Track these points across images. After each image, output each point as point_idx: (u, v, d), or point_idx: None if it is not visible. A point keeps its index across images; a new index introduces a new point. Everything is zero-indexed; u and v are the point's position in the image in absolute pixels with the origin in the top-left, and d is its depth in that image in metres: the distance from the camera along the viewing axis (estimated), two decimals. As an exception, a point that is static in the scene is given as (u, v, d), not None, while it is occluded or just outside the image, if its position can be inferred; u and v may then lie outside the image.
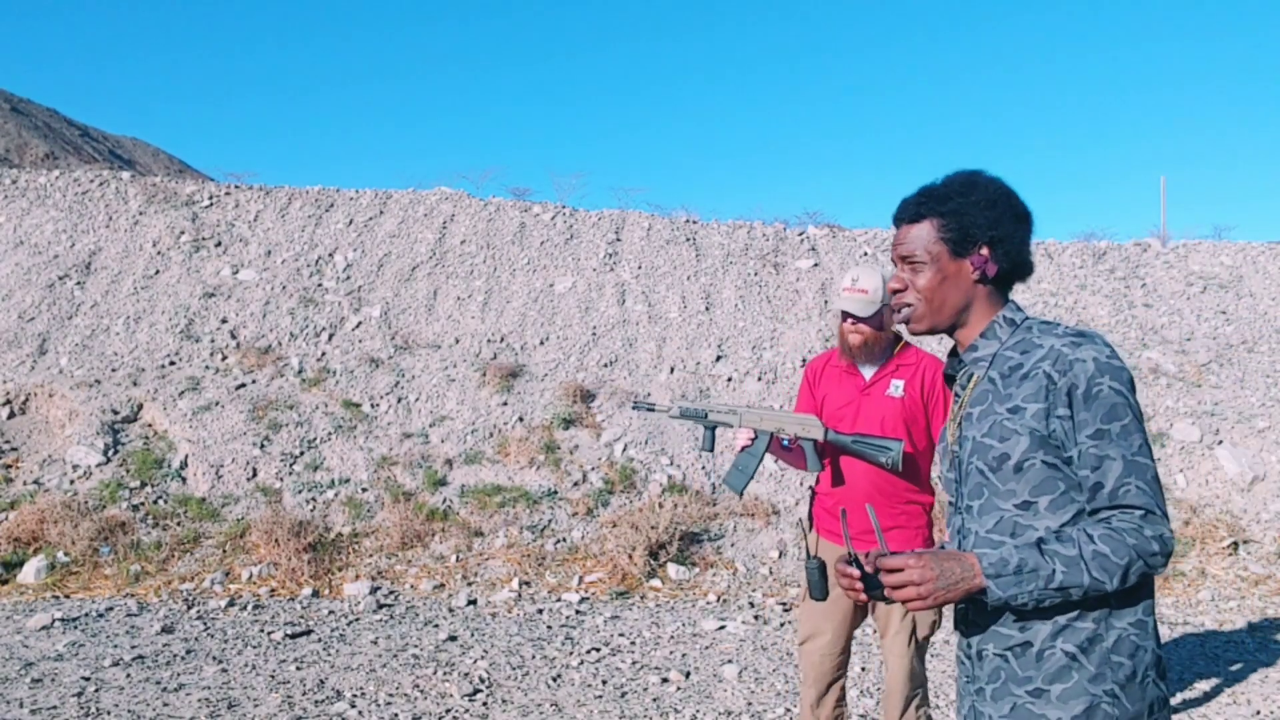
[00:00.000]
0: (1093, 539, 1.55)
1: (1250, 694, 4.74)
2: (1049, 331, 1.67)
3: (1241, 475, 7.83)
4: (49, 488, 7.05)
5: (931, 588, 1.55)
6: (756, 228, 11.30)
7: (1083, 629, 1.60)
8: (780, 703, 4.46)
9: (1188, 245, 11.66)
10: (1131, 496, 1.57)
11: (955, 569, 1.56)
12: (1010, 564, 1.54)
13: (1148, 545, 1.54)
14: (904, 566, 1.57)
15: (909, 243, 1.75)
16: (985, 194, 1.74)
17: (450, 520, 7.06)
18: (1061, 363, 1.60)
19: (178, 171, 24.52)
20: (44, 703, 4.19)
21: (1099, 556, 1.53)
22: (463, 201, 11.25)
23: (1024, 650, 1.64)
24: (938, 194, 1.74)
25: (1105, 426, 1.58)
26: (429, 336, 9.28)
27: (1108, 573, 1.53)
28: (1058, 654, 1.61)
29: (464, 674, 4.72)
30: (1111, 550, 1.53)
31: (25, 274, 9.42)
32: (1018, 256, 1.75)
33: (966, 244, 1.73)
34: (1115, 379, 1.59)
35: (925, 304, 1.76)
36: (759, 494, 7.53)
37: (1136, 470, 1.58)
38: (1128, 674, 1.59)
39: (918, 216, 1.75)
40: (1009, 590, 1.54)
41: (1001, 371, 1.69)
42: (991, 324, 1.74)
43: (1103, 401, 1.58)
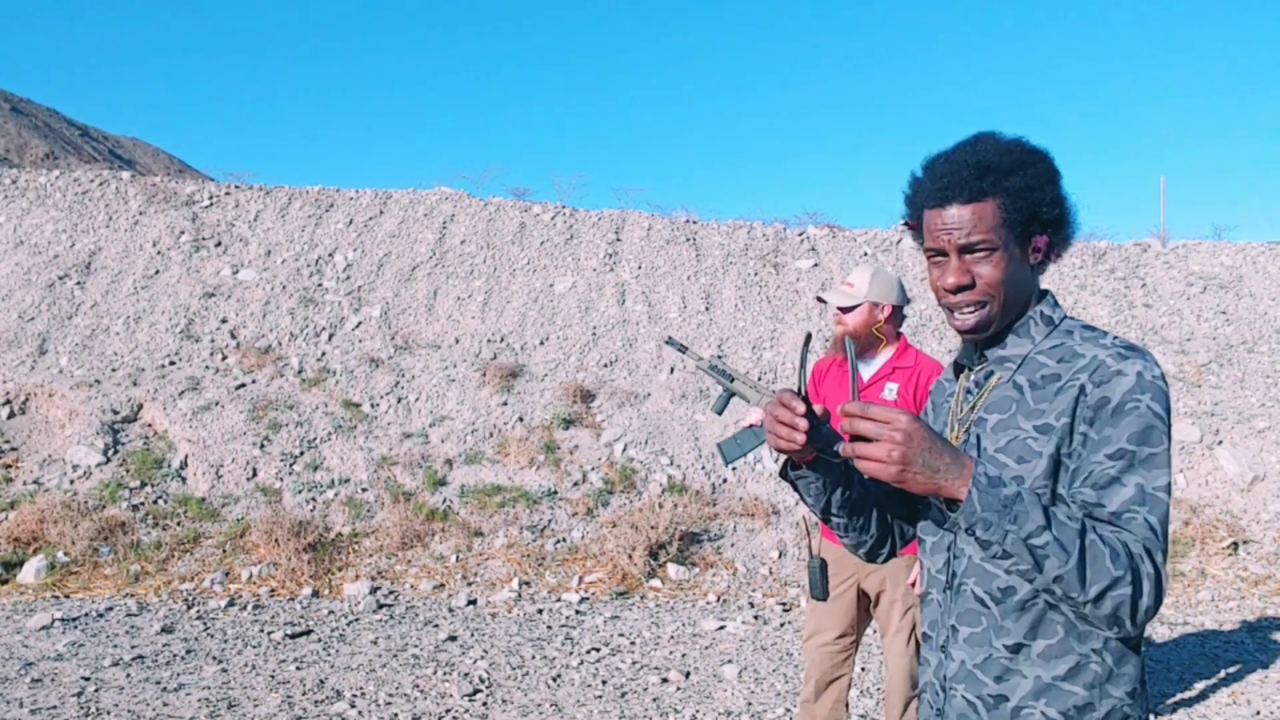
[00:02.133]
0: (1099, 534, 1.27)
1: (1250, 694, 4.74)
2: (1094, 340, 1.41)
3: (1241, 475, 7.83)
4: (49, 488, 7.05)
5: (907, 453, 1.23)
6: (756, 228, 11.30)
7: (1072, 694, 1.37)
8: (780, 703, 4.46)
9: (1188, 245, 11.66)
10: (1136, 526, 1.29)
11: (945, 454, 1.24)
12: (1005, 490, 1.25)
13: (1139, 577, 1.26)
14: (889, 421, 1.23)
15: (969, 227, 1.42)
16: (1046, 167, 1.45)
17: (450, 520, 7.06)
18: (1102, 374, 1.34)
19: (178, 171, 24.52)
20: (44, 703, 4.19)
21: (1096, 553, 1.25)
22: (463, 201, 11.25)
23: (998, 704, 1.41)
24: (1001, 167, 1.42)
25: (1131, 448, 1.31)
26: (429, 336, 9.28)
27: (1091, 577, 1.24)
28: (1038, 717, 1.38)
29: (464, 674, 4.72)
30: (1110, 555, 1.25)
31: (25, 274, 9.42)
32: (1072, 239, 1.49)
33: (1033, 225, 1.44)
34: (1155, 399, 1.32)
35: (997, 301, 1.44)
36: (759, 494, 7.53)
37: (1152, 504, 1.29)
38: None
39: (979, 194, 1.42)
40: (986, 514, 1.23)
41: (1032, 379, 1.43)
42: (1027, 319, 1.47)
43: (1135, 419, 1.31)
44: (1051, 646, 1.39)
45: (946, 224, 1.43)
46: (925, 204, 1.47)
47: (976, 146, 1.47)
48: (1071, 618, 1.38)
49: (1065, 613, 1.38)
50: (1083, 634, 1.38)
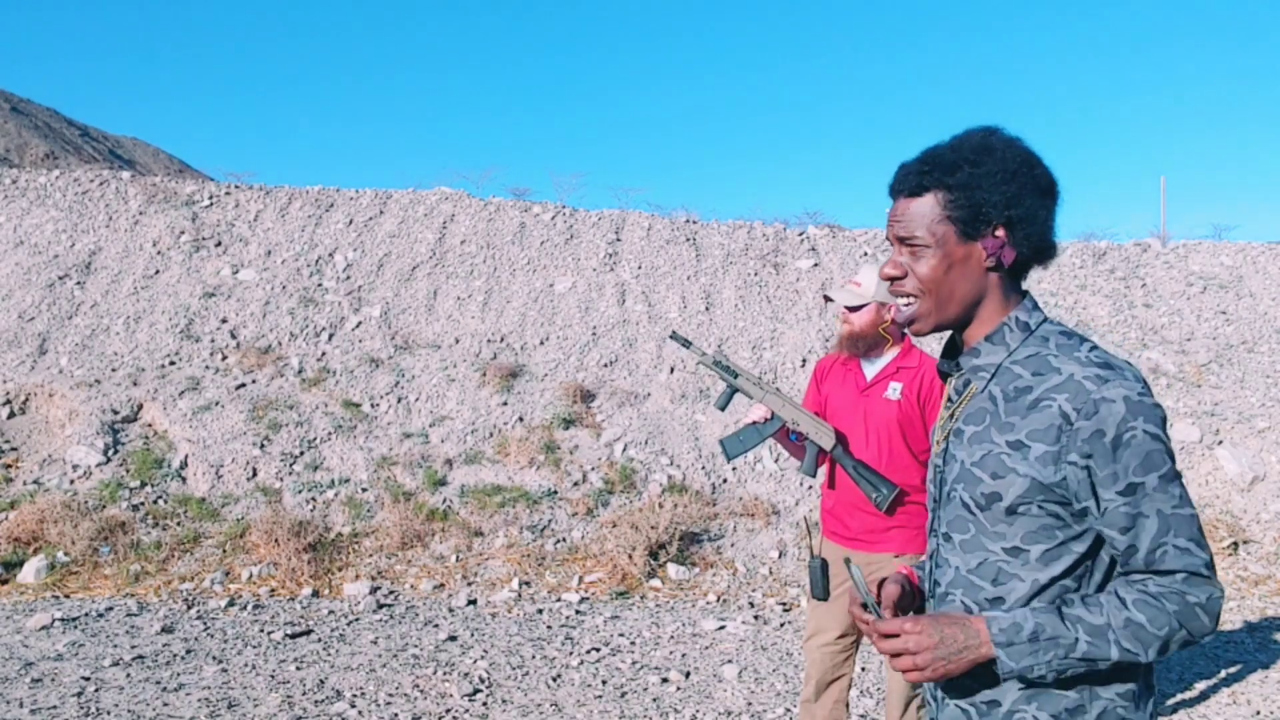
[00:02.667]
0: (1125, 604, 1.32)
1: (1250, 694, 4.74)
2: (1069, 353, 1.39)
3: (1241, 475, 7.83)
4: (49, 488, 7.05)
5: (930, 658, 1.33)
6: (756, 228, 11.30)
7: (1062, 696, 1.38)
8: (780, 703, 4.46)
9: (1188, 245, 11.66)
10: (1170, 559, 1.31)
11: (958, 636, 1.33)
12: (1024, 630, 1.31)
13: (1191, 614, 1.30)
14: (898, 632, 1.36)
15: (908, 220, 1.44)
16: (1003, 163, 1.41)
17: (450, 520, 7.06)
18: (1083, 401, 1.33)
19: (178, 171, 24.51)
20: (44, 703, 4.19)
21: (1132, 625, 1.30)
22: (463, 201, 11.25)
23: (990, 709, 1.42)
24: (945, 161, 1.42)
25: (1139, 480, 1.32)
26: (429, 336, 9.28)
27: (1142, 644, 1.30)
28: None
29: (464, 674, 4.72)
30: (1149, 619, 1.30)
31: (25, 274, 9.42)
32: (1040, 240, 1.44)
33: (978, 224, 1.41)
34: (1149, 421, 1.32)
35: (929, 297, 1.45)
36: (759, 494, 7.53)
37: (1175, 525, 1.32)
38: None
39: (920, 189, 1.43)
40: (1022, 661, 1.31)
41: (1005, 391, 1.42)
42: (1001, 326, 1.45)
43: (1135, 450, 1.31)
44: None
45: (892, 215, 1.47)
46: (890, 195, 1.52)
47: (943, 143, 1.46)
48: None
49: None
50: None
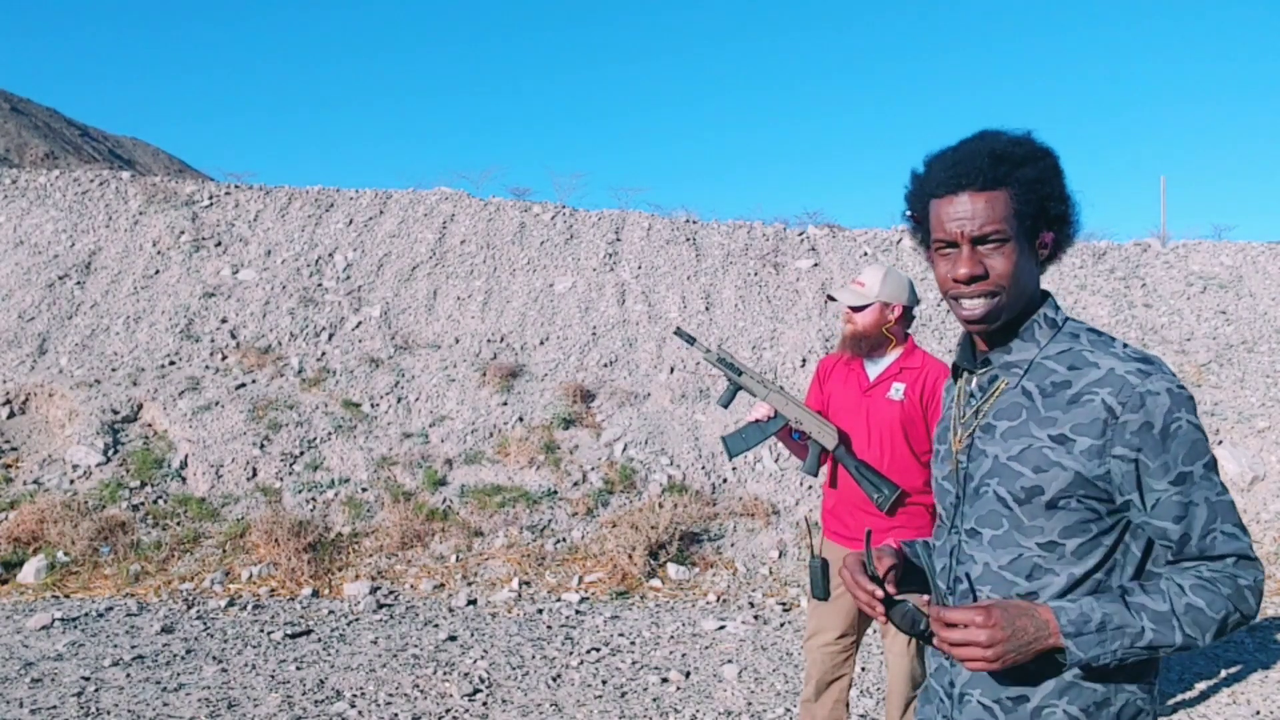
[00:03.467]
0: (1184, 590, 1.36)
1: (1250, 694, 4.74)
2: (1105, 348, 1.42)
3: (1241, 475, 7.83)
4: (49, 488, 7.05)
5: (1001, 650, 1.32)
6: (756, 228, 11.30)
7: (1091, 690, 1.41)
8: (780, 703, 4.46)
9: (1188, 245, 11.66)
10: (1220, 545, 1.37)
11: (1029, 627, 1.33)
12: (1093, 621, 1.34)
13: (1242, 596, 1.36)
14: (969, 623, 1.33)
15: (983, 216, 1.40)
16: (1055, 162, 1.45)
17: (450, 520, 7.06)
18: (1128, 394, 1.36)
19: (178, 171, 24.52)
20: (44, 703, 4.18)
21: (1193, 610, 1.34)
22: (463, 201, 11.25)
23: (1017, 705, 1.45)
24: (1015, 157, 1.41)
25: (1188, 469, 1.36)
26: (429, 336, 9.27)
27: (1201, 628, 1.34)
28: (1059, 715, 1.42)
29: (464, 674, 4.72)
30: (1207, 603, 1.34)
31: (25, 274, 9.42)
32: (1072, 240, 1.49)
33: (1040, 220, 1.43)
34: (1191, 412, 1.37)
35: (1009, 293, 1.43)
36: (759, 494, 7.53)
37: (1222, 512, 1.37)
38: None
39: (994, 182, 1.40)
40: (1091, 650, 1.33)
41: (1042, 386, 1.44)
42: (1031, 323, 1.47)
43: (1182, 440, 1.35)
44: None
45: (958, 213, 1.42)
46: (934, 193, 1.45)
47: (987, 138, 1.45)
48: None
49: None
50: None
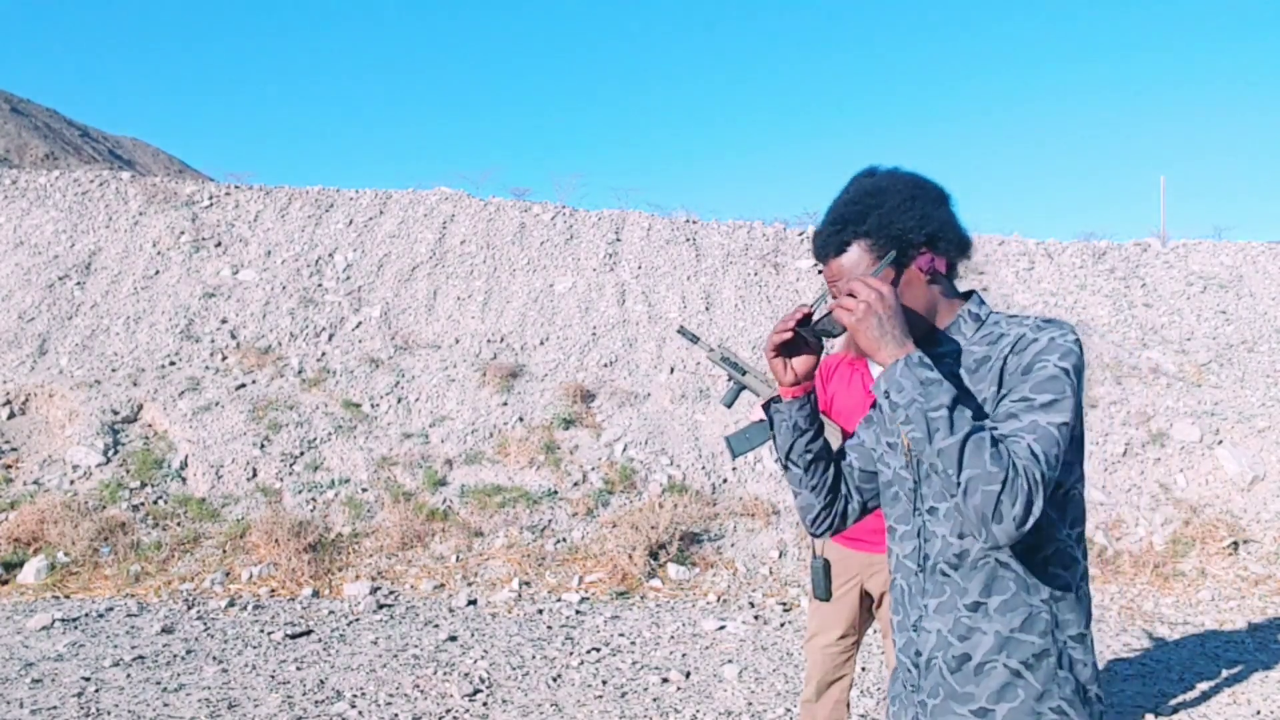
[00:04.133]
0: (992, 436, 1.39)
1: (1250, 694, 4.74)
2: (1017, 321, 1.56)
3: (1241, 475, 7.83)
4: (49, 488, 7.05)
5: (867, 309, 1.46)
6: (756, 228, 11.30)
7: (1028, 642, 1.50)
8: (780, 703, 4.46)
9: (1188, 245, 11.66)
10: (1019, 447, 1.39)
11: (896, 332, 1.46)
12: (929, 374, 1.43)
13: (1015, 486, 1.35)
14: (877, 288, 1.47)
15: (847, 275, 1.61)
16: (899, 193, 1.60)
17: (450, 520, 7.06)
18: (1020, 344, 1.50)
19: (178, 171, 24.52)
20: (44, 703, 4.18)
21: (980, 444, 1.37)
22: (463, 201, 11.25)
23: (961, 664, 1.53)
24: (852, 214, 1.60)
25: (1032, 396, 1.44)
26: (429, 336, 9.27)
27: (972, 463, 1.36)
28: (1000, 669, 1.50)
29: (464, 674, 4.72)
30: (992, 454, 1.36)
31: (25, 274, 9.42)
32: (961, 242, 1.62)
33: (906, 252, 1.59)
34: (1064, 359, 1.46)
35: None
36: (759, 494, 7.53)
37: (1040, 434, 1.40)
38: (1073, 689, 1.51)
39: (842, 246, 1.61)
40: (902, 379, 1.43)
41: (969, 367, 1.57)
42: (957, 319, 1.62)
43: (1039, 373, 1.45)
44: (1006, 601, 1.52)
45: (831, 277, 1.64)
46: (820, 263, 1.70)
47: (835, 205, 1.65)
48: (1021, 573, 1.51)
49: (1016, 569, 1.51)
50: (1031, 587, 1.51)
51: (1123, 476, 7.92)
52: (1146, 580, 6.81)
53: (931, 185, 1.63)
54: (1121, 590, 6.67)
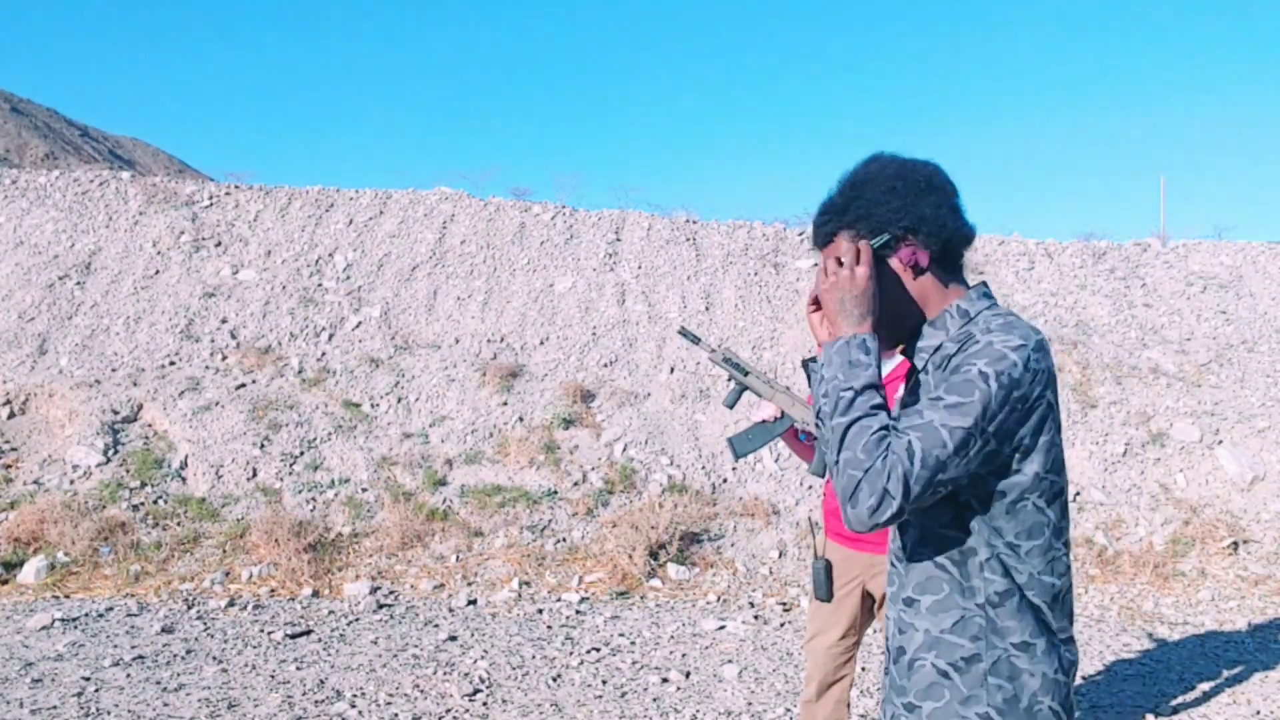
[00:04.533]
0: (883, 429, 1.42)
1: (1250, 694, 4.74)
2: (990, 328, 1.52)
3: (1241, 475, 7.83)
4: (49, 488, 7.05)
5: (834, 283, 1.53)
6: (756, 228, 11.30)
7: (958, 645, 1.48)
8: (780, 703, 4.46)
9: (1188, 245, 11.66)
10: (899, 444, 1.40)
11: (856, 312, 1.51)
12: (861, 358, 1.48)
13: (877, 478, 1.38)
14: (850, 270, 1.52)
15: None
16: (880, 183, 1.58)
17: (450, 520, 7.06)
18: (966, 344, 1.48)
19: (178, 171, 24.51)
20: (44, 703, 4.18)
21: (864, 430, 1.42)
22: (463, 201, 11.25)
23: (898, 656, 1.54)
24: (836, 206, 1.62)
25: (940, 395, 1.43)
26: (429, 336, 9.27)
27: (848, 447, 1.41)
28: (928, 667, 1.50)
29: (464, 674, 4.72)
30: (871, 442, 1.40)
31: (25, 274, 9.42)
32: (945, 232, 1.58)
33: (889, 244, 1.58)
34: (992, 364, 1.42)
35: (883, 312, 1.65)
36: (759, 494, 7.53)
37: (926, 433, 1.40)
38: (1007, 698, 1.46)
39: (829, 237, 1.63)
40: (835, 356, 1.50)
41: (936, 363, 1.54)
42: (943, 313, 1.58)
43: (960, 374, 1.43)
44: (939, 601, 1.51)
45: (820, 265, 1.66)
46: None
47: (832, 189, 1.67)
48: (957, 575, 1.50)
49: (951, 571, 1.50)
50: (966, 591, 1.49)
51: (1123, 476, 7.92)
52: (1146, 580, 6.81)
53: (918, 175, 1.60)
54: (1121, 590, 6.67)
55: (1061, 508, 1.52)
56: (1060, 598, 1.50)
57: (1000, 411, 1.42)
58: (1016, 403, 1.43)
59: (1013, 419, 1.44)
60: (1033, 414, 1.45)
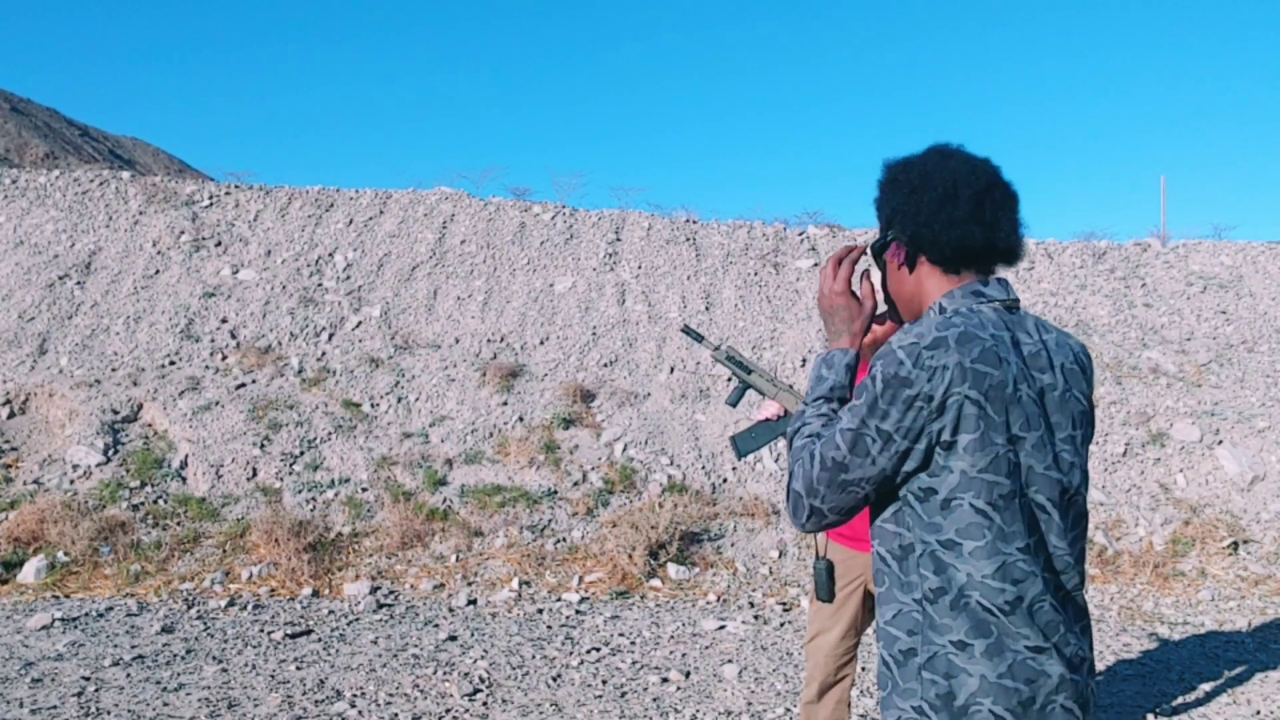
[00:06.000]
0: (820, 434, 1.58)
1: (1250, 694, 4.74)
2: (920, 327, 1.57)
3: (1241, 475, 7.83)
4: (49, 488, 7.05)
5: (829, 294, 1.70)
6: (756, 228, 11.30)
7: (897, 638, 1.52)
8: (780, 703, 4.46)
9: (1188, 245, 11.66)
10: (814, 448, 1.56)
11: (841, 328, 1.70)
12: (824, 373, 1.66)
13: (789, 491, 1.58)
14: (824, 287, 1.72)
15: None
16: (886, 184, 1.65)
17: (450, 520, 7.06)
18: None
19: (178, 171, 24.51)
20: (44, 703, 4.18)
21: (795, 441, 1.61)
22: (463, 201, 11.25)
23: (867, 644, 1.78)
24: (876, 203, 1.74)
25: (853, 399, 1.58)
26: (429, 336, 9.27)
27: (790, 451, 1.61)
28: (879, 658, 1.56)
29: (464, 674, 4.72)
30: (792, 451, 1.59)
31: (25, 274, 9.42)
32: (918, 230, 1.59)
33: (885, 238, 1.66)
34: (880, 364, 1.50)
35: (893, 306, 1.75)
36: (759, 494, 7.53)
37: (826, 440, 1.53)
38: (941, 694, 1.46)
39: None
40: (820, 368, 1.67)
41: None
42: (927, 311, 1.62)
43: (864, 381, 1.53)
44: (883, 593, 1.57)
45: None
46: None
47: None
48: (896, 570, 1.55)
49: (892, 565, 1.55)
50: (904, 586, 1.53)
51: (1122, 476, 7.92)
52: (1146, 580, 6.81)
53: (915, 173, 1.61)
54: (1121, 590, 6.67)
55: (1018, 514, 1.47)
56: (1020, 607, 1.45)
57: (892, 409, 1.46)
58: (912, 400, 1.45)
59: (915, 416, 1.46)
60: (945, 411, 1.45)
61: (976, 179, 1.59)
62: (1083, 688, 1.50)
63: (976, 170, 1.60)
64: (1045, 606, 1.47)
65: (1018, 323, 1.59)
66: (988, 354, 1.47)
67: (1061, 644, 1.48)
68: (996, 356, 1.48)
